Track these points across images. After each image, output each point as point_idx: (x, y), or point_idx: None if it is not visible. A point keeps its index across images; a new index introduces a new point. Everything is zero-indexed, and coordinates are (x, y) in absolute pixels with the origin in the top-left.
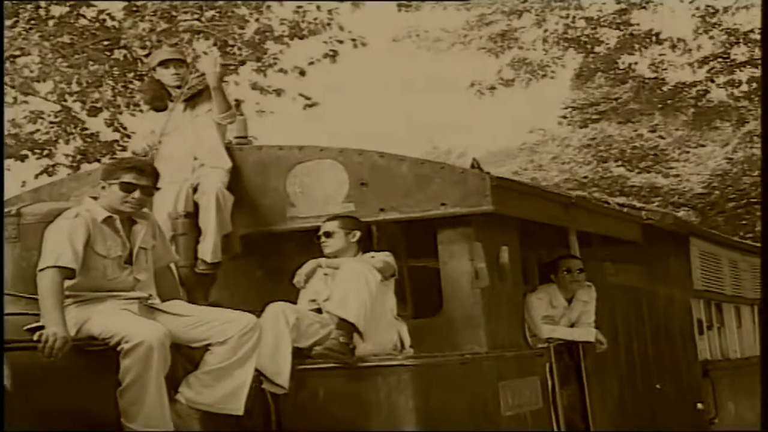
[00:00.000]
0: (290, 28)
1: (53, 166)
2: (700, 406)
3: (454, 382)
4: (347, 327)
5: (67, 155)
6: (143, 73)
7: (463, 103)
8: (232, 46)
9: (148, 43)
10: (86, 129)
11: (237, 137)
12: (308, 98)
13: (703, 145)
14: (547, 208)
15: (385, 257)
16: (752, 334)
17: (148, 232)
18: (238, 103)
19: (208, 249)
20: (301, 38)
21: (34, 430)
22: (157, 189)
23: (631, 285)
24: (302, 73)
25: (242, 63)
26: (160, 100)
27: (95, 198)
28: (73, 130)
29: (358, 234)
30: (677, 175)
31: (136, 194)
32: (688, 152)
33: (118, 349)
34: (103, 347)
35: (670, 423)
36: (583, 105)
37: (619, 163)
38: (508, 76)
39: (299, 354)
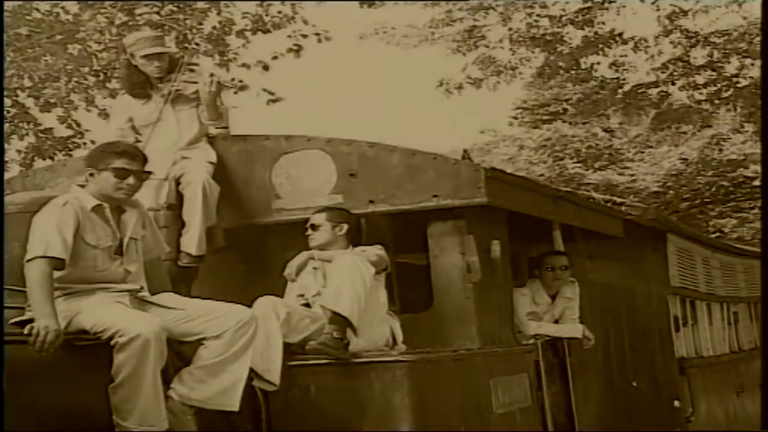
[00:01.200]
0: (253, 22)
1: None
2: (677, 403)
3: (447, 379)
4: (341, 322)
5: (19, 151)
6: (98, 69)
7: (425, 101)
8: (191, 40)
9: (105, 38)
10: (39, 125)
11: (218, 127)
12: (272, 93)
13: (651, 146)
14: (537, 201)
15: (377, 250)
16: (722, 331)
17: (138, 221)
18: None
19: (192, 241)
20: (264, 32)
21: (21, 430)
22: (149, 173)
23: (609, 282)
24: (266, 67)
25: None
26: (140, 87)
27: (82, 186)
28: (26, 127)
29: (345, 227)
30: (632, 175)
31: (130, 180)
32: (643, 152)
33: (112, 343)
34: (95, 341)
35: (647, 421)
36: (534, 106)
37: (575, 160)
38: (474, 74)
39: (289, 350)
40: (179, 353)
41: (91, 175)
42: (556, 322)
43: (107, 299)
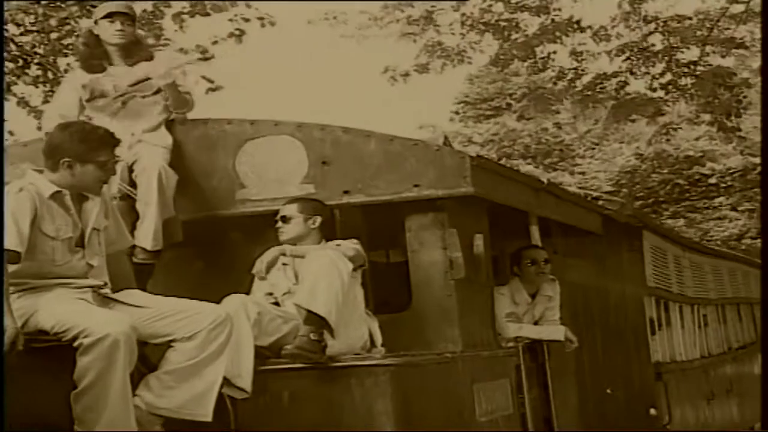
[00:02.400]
0: (191, 5)
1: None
2: (653, 411)
3: (431, 385)
4: (317, 322)
5: None
6: (18, 54)
7: (373, 92)
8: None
9: (28, 20)
10: None
11: (175, 111)
12: (211, 81)
13: (598, 144)
14: (521, 193)
15: (353, 245)
16: (693, 335)
17: (101, 210)
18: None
19: (148, 235)
20: (203, 15)
21: None
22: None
23: (583, 282)
24: (204, 53)
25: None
26: (97, 58)
27: (40, 171)
28: None
29: (318, 219)
30: (582, 173)
31: (111, 171)
32: (593, 149)
33: (75, 344)
34: (55, 343)
35: (622, 429)
36: (477, 100)
37: (528, 161)
38: (423, 61)
39: (258, 354)
40: (143, 357)
41: (69, 167)
42: (536, 323)
43: (68, 296)
